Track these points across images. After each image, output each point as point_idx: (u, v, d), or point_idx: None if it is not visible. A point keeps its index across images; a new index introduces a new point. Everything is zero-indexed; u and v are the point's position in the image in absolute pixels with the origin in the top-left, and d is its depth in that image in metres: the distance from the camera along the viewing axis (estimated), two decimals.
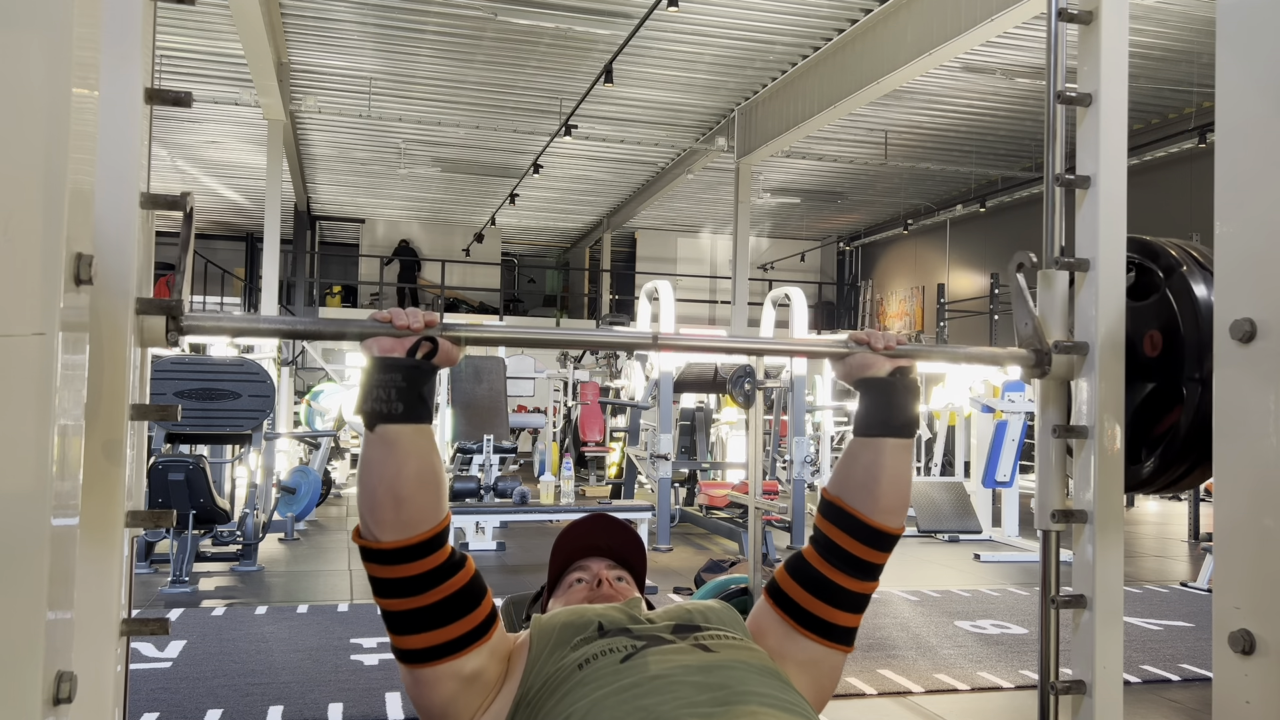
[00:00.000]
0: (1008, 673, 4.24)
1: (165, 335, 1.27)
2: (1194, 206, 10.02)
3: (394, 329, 1.34)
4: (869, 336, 1.52)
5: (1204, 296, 1.52)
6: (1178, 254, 1.59)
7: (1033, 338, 1.61)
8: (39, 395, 0.81)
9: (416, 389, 1.33)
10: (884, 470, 1.46)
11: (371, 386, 1.32)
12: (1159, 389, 1.59)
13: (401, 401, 1.31)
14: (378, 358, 1.33)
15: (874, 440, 1.48)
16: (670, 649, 1.34)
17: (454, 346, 1.38)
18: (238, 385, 6.36)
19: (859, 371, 1.51)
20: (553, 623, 1.43)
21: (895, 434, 1.48)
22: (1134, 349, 1.59)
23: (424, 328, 1.35)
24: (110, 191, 1.19)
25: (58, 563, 0.84)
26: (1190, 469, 1.56)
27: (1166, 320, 1.57)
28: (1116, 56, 1.59)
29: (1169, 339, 1.56)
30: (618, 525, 1.71)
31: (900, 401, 1.49)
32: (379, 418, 1.31)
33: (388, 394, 1.31)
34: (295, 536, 7.65)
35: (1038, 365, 1.59)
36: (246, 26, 8.06)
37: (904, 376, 1.51)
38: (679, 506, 8.72)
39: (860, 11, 8.76)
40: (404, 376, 1.32)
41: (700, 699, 1.22)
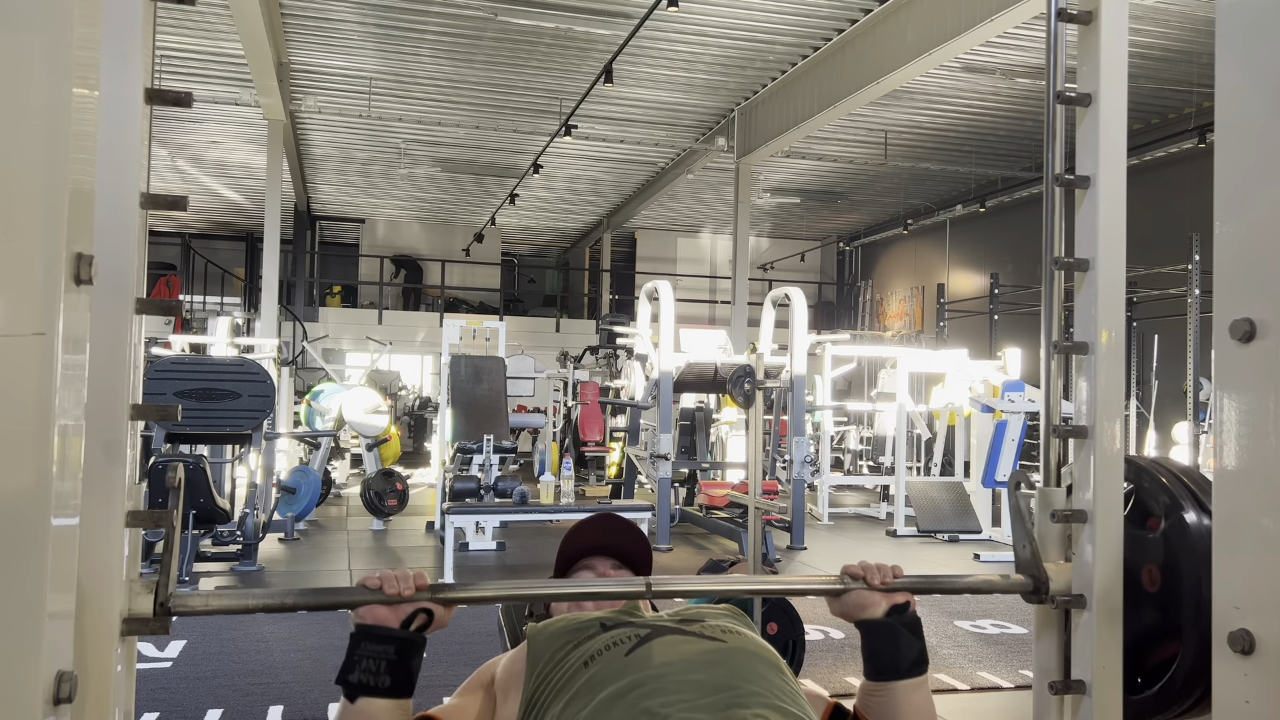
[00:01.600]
0: (1008, 673, 4.24)
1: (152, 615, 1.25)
2: (1194, 206, 10.02)
3: (385, 597, 1.31)
4: (864, 570, 1.47)
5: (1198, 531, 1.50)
6: (1173, 486, 1.57)
7: (1031, 563, 1.58)
8: (39, 395, 0.81)
9: (406, 662, 1.30)
10: (903, 713, 1.42)
11: (360, 657, 1.29)
12: (1158, 624, 1.57)
13: (389, 675, 1.29)
14: (369, 627, 1.30)
15: (887, 685, 1.43)
16: (675, 639, 1.34)
17: (446, 611, 1.35)
18: (238, 385, 6.36)
19: (856, 612, 1.46)
20: (551, 628, 1.43)
21: (906, 676, 1.43)
22: (1132, 577, 1.56)
23: (414, 592, 1.31)
24: (110, 191, 1.19)
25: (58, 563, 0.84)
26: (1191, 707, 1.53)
27: (1166, 561, 1.56)
28: (1116, 56, 1.59)
29: (1167, 581, 1.55)
30: (624, 525, 1.71)
31: (905, 642, 1.44)
32: (363, 690, 1.28)
33: (377, 666, 1.28)
34: (295, 536, 7.65)
35: (1035, 593, 1.56)
36: (246, 26, 8.06)
37: (904, 614, 1.46)
38: (679, 506, 8.72)
39: (860, 11, 8.76)
40: (396, 649, 1.29)
41: (704, 701, 1.22)
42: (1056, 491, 1.63)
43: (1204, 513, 1.52)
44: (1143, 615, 1.58)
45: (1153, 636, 1.58)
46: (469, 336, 10.64)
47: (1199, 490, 1.56)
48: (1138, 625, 1.58)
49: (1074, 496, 1.60)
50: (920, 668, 1.44)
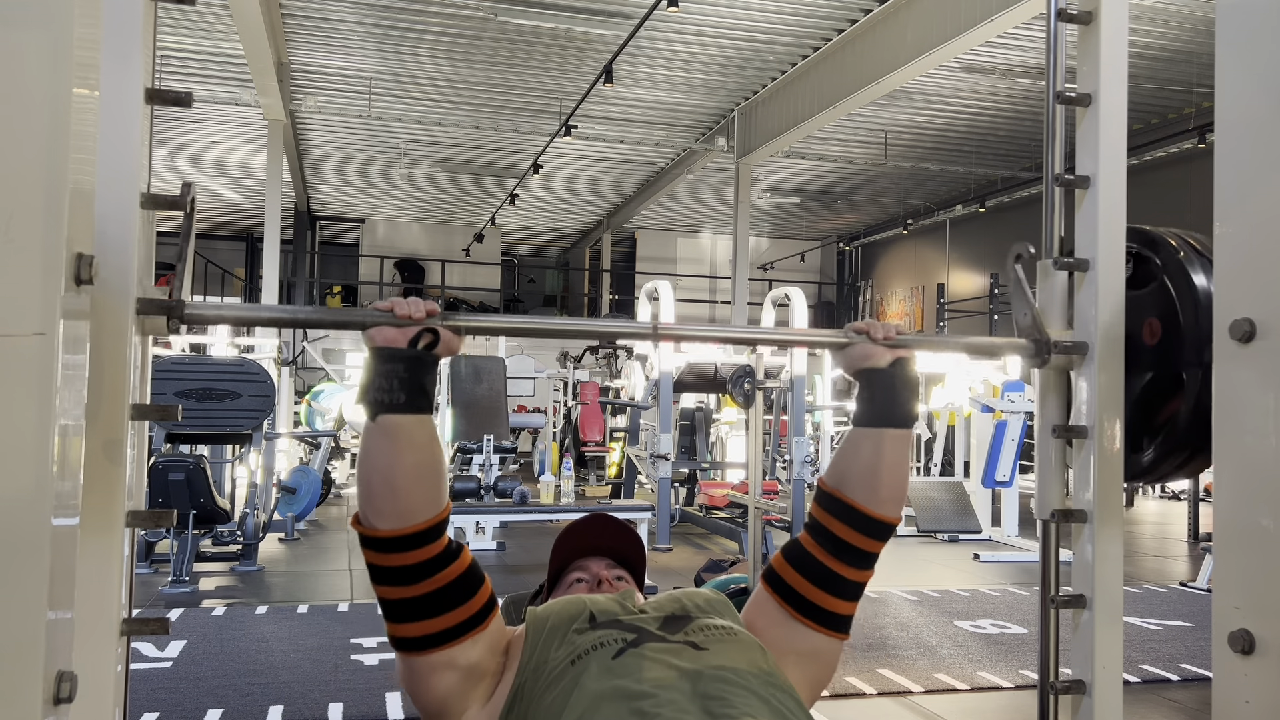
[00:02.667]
0: (1007, 672, 4.24)
1: (167, 324, 1.28)
2: (1194, 206, 10.01)
3: (395, 318, 1.35)
4: (868, 327, 1.52)
5: (1202, 284, 1.52)
6: (1176, 242, 1.59)
7: (1032, 328, 1.61)
8: (39, 395, 0.81)
9: (418, 379, 1.33)
10: (883, 461, 1.47)
11: (374, 376, 1.33)
12: (1158, 377, 1.59)
13: (403, 391, 1.32)
14: (380, 348, 1.34)
15: (874, 430, 1.49)
16: (661, 647, 1.34)
17: (455, 337, 1.38)
18: (238, 385, 6.36)
19: (859, 362, 1.52)
20: (546, 613, 1.44)
21: (896, 424, 1.49)
22: (1133, 338, 1.59)
23: (425, 317, 1.35)
24: (110, 191, 1.19)
25: (58, 563, 0.84)
26: (1190, 457, 1.56)
27: (1165, 308, 1.57)
28: (1116, 56, 1.59)
29: (1168, 327, 1.57)
30: (618, 525, 1.71)
31: (901, 392, 1.50)
32: (381, 407, 1.32)
33: (390, 384, 1.32)
34: (295, 536, 7.65)
35: (1037, 355, 1.59)
36: (246, 26, 8.06)
37: (904, 368, 1.51)
38: (679, 506, 8.72)
39: (860, 11, 8.76)
40: (406, 367, 1.33)
41: (691, 706, 1.23)
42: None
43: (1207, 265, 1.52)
44: (1144, 370, 1.60)
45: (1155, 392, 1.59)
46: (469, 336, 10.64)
47: (1200, 246, 1.57)
48: (1140, 382, 1.60)
49: (1073, 496, 1.61)
50: (910, 420, 1.51)
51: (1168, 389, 1.58)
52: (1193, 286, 1.53)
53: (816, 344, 1.64)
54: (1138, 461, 1.62)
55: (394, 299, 1.37)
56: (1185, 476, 1.66)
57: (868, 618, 5.09)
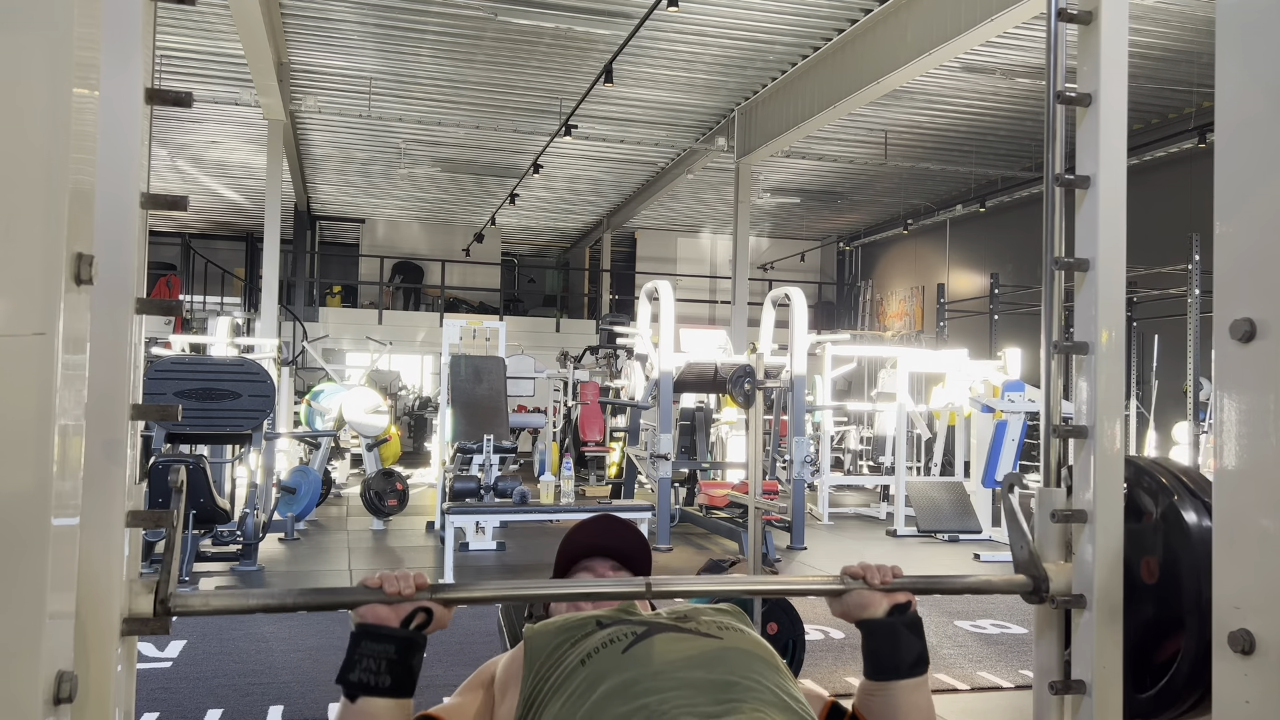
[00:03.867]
0: (1008, 673, 4.24)
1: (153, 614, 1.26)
2: (1194, 206, 10.01)
3: (386, 596, 1.31)
4: (864, 570, 1.47)
5: (1195, 524, 1.50)
6: (1168, 481, 1.58)
7: (1029, 563, 1.59)
8: (39, 395, 0.81)
9: (407, 661, 1.30)
10: (901, 712, 1.42)
11: (360, 656, 1.29)
12: (1158, 616, 1.57)
13: (390, 675, 1.29)
14: (369, 626, 1.30)
15: (887, 685, 1.43)
16: (672, 636, 1.34)
17: (447, 612, 1.35)
18: (238, 385, 6.36)
19: (857, 612, 1.46)
20: (549, 626, 1.43)
21: (907, 675, 1.43)
22: (1131, 574, 1.57)
23: (414, 591, 1.32)
24: (110, 191, 1.19)
25: (58, 562, 0.84)
26: (1197, 701, 1.52)
27: (1163, 550, 1.56)
28: (1116, 56, 1.59)
29: (1166, 569, 1.55)
30: (624, 526, 1.71)
31: (905, 642, 1.44)
32: (364, 689, 1.28)
33: (377, 665, 1.29)
34: (295, 536, 7.65)
35: (1035, 593, 1.57)
36: (246, 26, 8.06)
37: (904, 613, 1.46)
38: (679, 506, 8.72)
39: (860, 11, 8.76)
40: (397, 648, 1.30)
41: (702, 697, 1.22)
42: (1057, 492, 1.63)
43: (1203, 508, 1.52)
44: (1142, 611, 1.58)
45: (1153, 633, 1.58)
46: (469, 336, 10.65)
47: (1196, 486, 1.56)
48: (1138, 621, 1.58)
49: (1074, 496, 1.60)
50: (920, 668, 1.44)
51: (1168, 629, 1.56)
52: (1188, 530, 1.51)
53: (811, 592, 1.59)
54: (1141, 703, 1.59)
55: (383, 574, 1.34)
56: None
57: None
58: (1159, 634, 1.57)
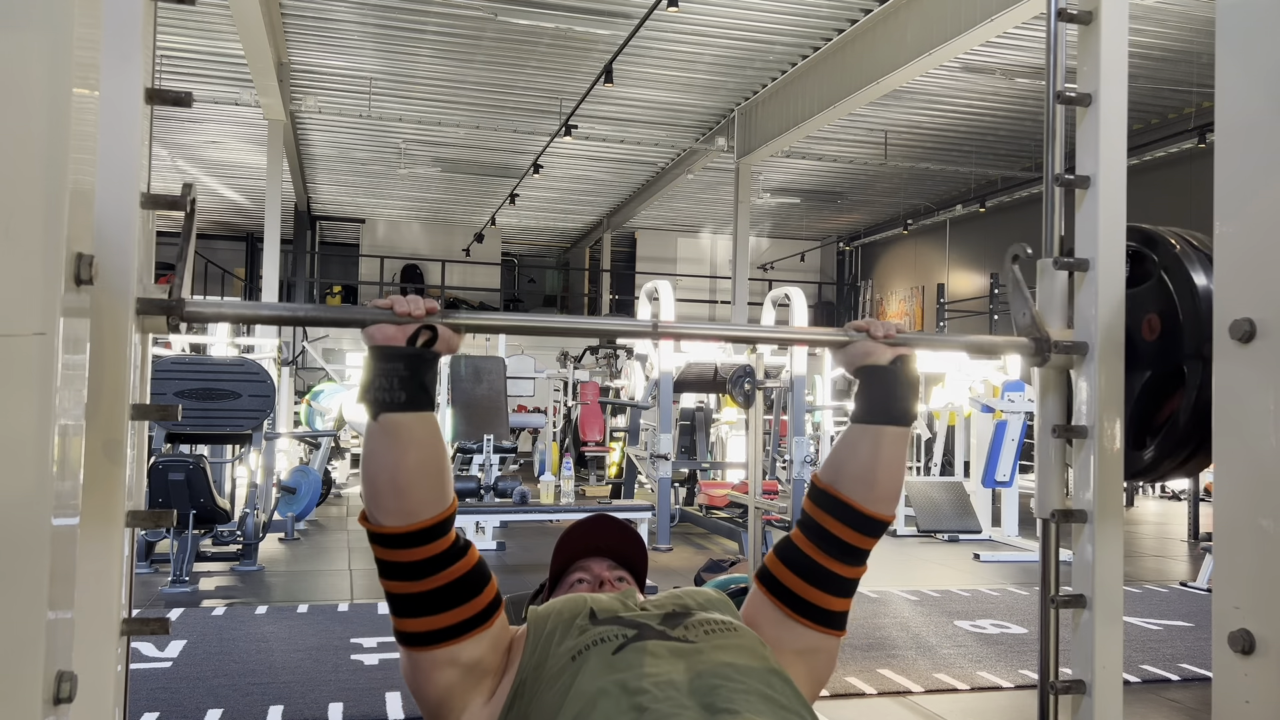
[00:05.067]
0: (1008, 672, 4.24)
1: (167, 323, 1.28)
2: (1194, 206, 10.01)
3: (395, 316, 1.34)
4: (869, 325, 1.52)
5: (1201, 278, 1.52)
6: (1174, 239, 1.59)
7: (1031, 327, 1.61)
8: (39, 395, 0.81)
9: (418, 377, 1.33)
10: (880, 458, 1.47)
11: (374, 376, 1.32)
12: (1158, 374, 1.59)
13: (404, 390, 1.32)
14: (379, 346, 1.34)
15: (873, 427, 1.48)
16: (662, 644, 1.35)
17: (454, 334, 1.38)
18: (238, 385, 6.36)
19: (860, 359, 1.51)
20: (547, 611, 1.44)
21: (895, 421, 1.49)
22: (1131, 335, 1.59)
23: (424, 315, 1.35)
24: (110, 191, 1.19)
25: (58, 563, 0.84)
26: (1192, 454, 1.55)
27: (1163, 303, 1.57)
28: (1116, 56, 1.59)
29: (1167, 322, 1.56)
30: (619, 526, 1.71)
31: (901, 389, 1.50)
32: (382, 406, 1.32)
33: (390, 382, 1.32)
34: (295, 536, 7.65)
35: (1037, 353, 1.59)
36: (246, 26, 8.06)
37: (904, 366, 1.51)
38: (679, 506, 8.72)
39: (860, 11, 8.75)
40: (406, 365, 1.33)
41: (691, 703, 1.23)
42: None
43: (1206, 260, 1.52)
44: (1144, 368, 1.60)
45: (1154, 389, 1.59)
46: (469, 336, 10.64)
47: (1199, 242, 1.57)
48: (1140, 380, 1.59)
49: (1074, 496, 1.61)
50: (908, 418, 1.50)
51: (1168, 385, 1.57)
52: (1191, 280, 1.53)
53: (817, 342, 1.64)
54: (1139, 459, 1.62)
55: (393, 296, 1.37)
56: (1186, 475, 1.65)
57: (868, 617, 5.10)
58: (1159, 390, 1.59)
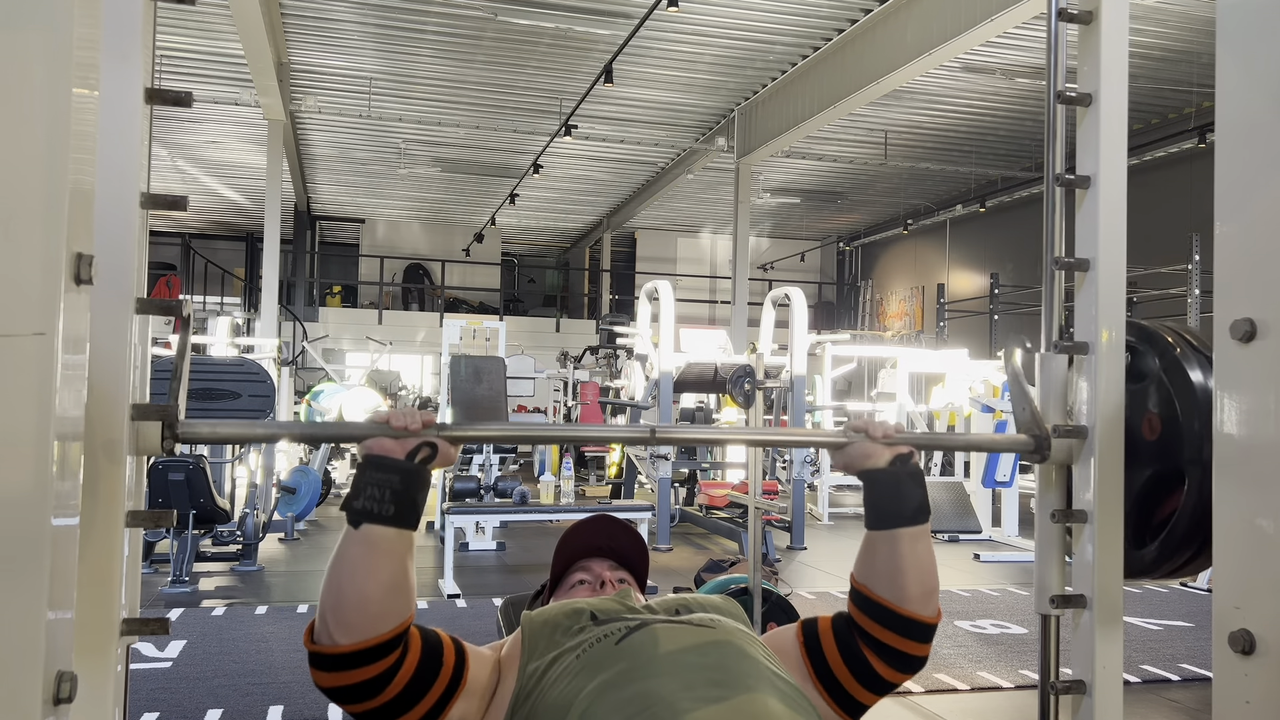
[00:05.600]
0: (1008, 673, 4.24)
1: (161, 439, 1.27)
2: (1194, 206, 10.02)
3: (392, 430, 1.32)
4: (866, 425, 1.48)
5: (1199, 380, 1.51)
6: (1172, 338, 1.58)
7: (1031, 423, 1.59)
8: (39, 395, 0.81)
9: (411, 493, 1.30)
10: (904, 560, 1.42)
11: (365, 485, 1.29)
12: (1159, 473, 1.57)
13: (394, 504, 1.29)
14: (376, 456, 1.31)
15: (886, 534, 1.43)
16: (666, 627, 1.35)
17: (452, 448, 1.36)
18: (238, 385, 6.35)
19: (859, 462, 1.47)
20: (544, 615, 1.44)
21: (909, 523, 1.43)
22: (1132, 432, 1.57)
23: (421, 429, 1.32)
24: (110, 191, 1.19)
25: (58, 563, 0.84)
26: (1194, 555, 1.53)
27: (1163, 404, 1.56)
28: (1116, 56, 1.59)
29: (1167, 423, 1.55)
30: (620, 527, 1.71)
31: (905, 490, 1.45)
32: (367, 516, 1.28)
33: (381, 494, 1.28)
34: (295, 536, 7.66)
35: (1037, 451, 1.58)
36: (246, 26, 8.06)
37: (906, 464, 1.47)
38: (679, 506, 8.72)
39: (860, 11, 8.75)
40: (401, 479, 1.30)
41: (698, 680, 1.23)
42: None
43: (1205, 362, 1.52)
44: (1143, 467, 1.59)
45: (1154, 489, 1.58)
46: (469, 336, 10.64)
47: (1198, 343, 1.57)
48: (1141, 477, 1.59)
49: (1074, 496, 1.60)
50: (923, 516, 1.45)
51: (1169, 485, 1.56)
52: (1190, 382, 1.51)
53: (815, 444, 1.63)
54: (1140, 559, 1.59)
55: (390, 410, 1.35)
56: (1188, 574, 1.62)
57: None
58: (1159, 490, 1.58)
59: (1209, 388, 1.44)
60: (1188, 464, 1.50)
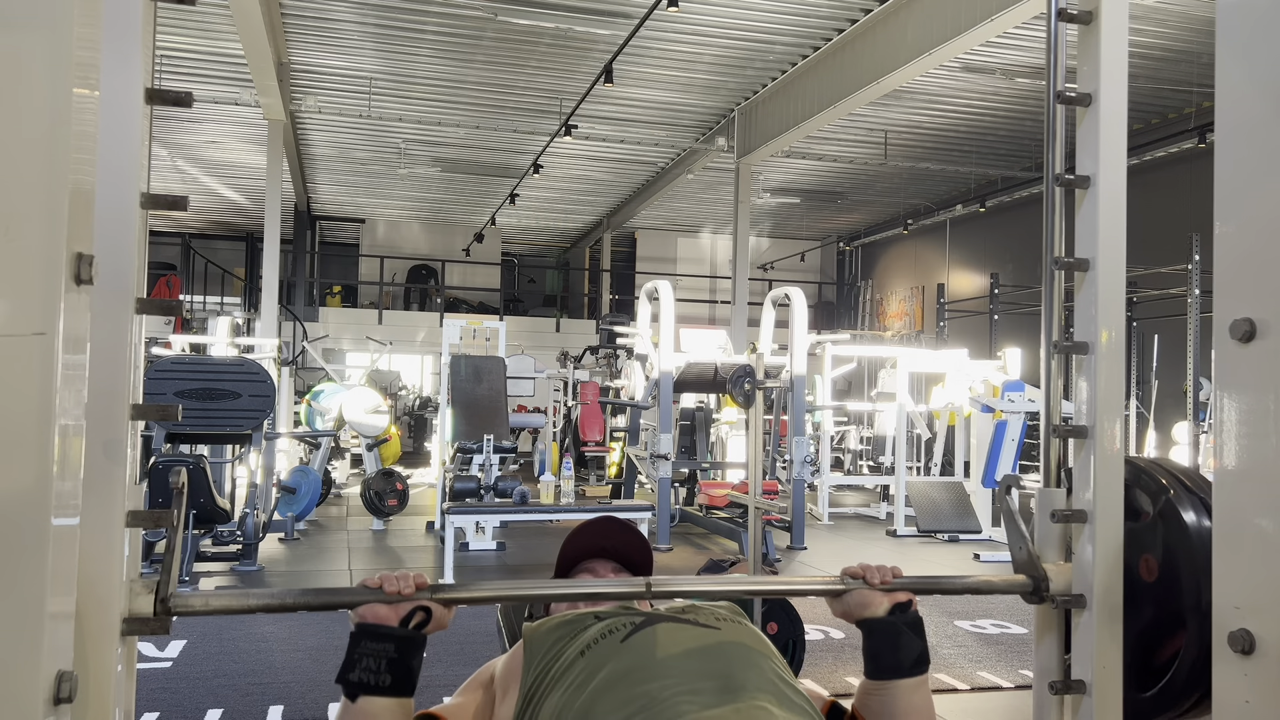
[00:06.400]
0: (1008, 672, 4.24)
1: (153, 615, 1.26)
2: (1194, 206, 10.01)
3: (385, 596, 1.31)
4: (864, 571, 1.48)
5: (1194, 523, 1.50)
6: (1166, 480, 1.58)
7: (1028, 564, 1.59)
8: (39, 395, 0.81)
9: (406, 661, 1.30)
10: (901, 711, 1.42)
11: (360, 655, 1.29)
12: (1158, 617, 1.56)
13: (390, 674, 1.28)
14: (369, 625, 1.30)
15: (887, 684, 1.43)
16: (671, 626, 1.35)
17: (446, 612, 1.35)
18: (238, 385, 6.35)
19: (858, 611, 1.47)
20: (547, 624, 1.44)
21: (908, 675, 1.43)
22: (1130, 574, 1.56)
23: (414, 591, 1.31)
24: (110, 191, 1.19)
25: (58, 562, 0.84)
26: (1193, 706, 1.52)
27: (1161, 548, 1.55)
28: (1116, 56, 1.59)
29: (1165, 569, 1.54)
30: (624, 528, 1.71)
31: (907, 641, 1.45)
32: (364, 688, 1.28)
33: (377, 664, 1.28)
34: (295, 536, 7.65)
35: (1035, 593, 1.57)
36: (246, 26, 8.06)
37: (905, 612, 1.47)
38: (679, 506, 8.72)
39: (860, 11, 8.75)
40: (396, 647, 1.29)
41: (703, 685, 1.23)
42: (1057, 492, 1.63)
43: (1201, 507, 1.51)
44: (1142, 611, 1.58)
45: (1153, 633, 1.57)
46: (469, 336, 10.65)
47: (1194, 485, 1.56)
48: (1138, 621, 1.57)
49: (1074, 496, 1.60)
50: (921, 667, 1.44)
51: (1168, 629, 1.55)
52: (1185, 526, 1.50)
53: (814, 593, 1.59)
54: (1142, 703, 1.58)
55: (383, 575, 1.34)
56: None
57: None
58: (1159, 634, 1.56)
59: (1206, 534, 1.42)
60: (1188, 611, 1.48)
